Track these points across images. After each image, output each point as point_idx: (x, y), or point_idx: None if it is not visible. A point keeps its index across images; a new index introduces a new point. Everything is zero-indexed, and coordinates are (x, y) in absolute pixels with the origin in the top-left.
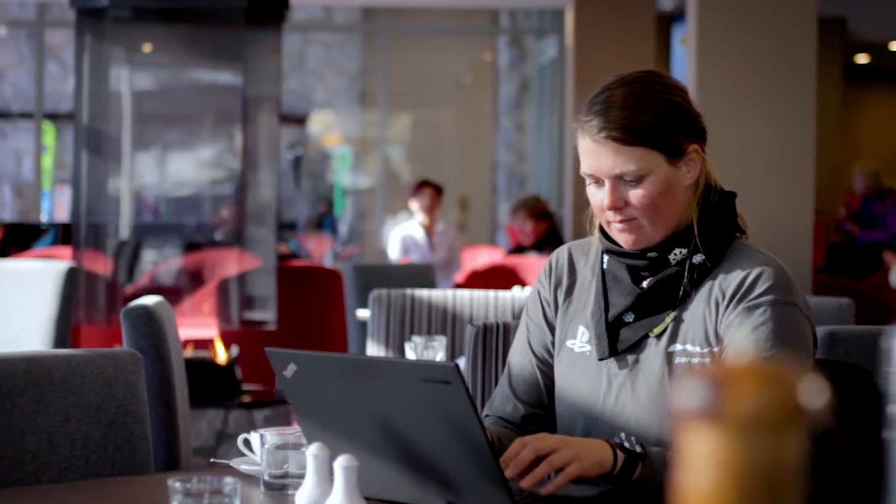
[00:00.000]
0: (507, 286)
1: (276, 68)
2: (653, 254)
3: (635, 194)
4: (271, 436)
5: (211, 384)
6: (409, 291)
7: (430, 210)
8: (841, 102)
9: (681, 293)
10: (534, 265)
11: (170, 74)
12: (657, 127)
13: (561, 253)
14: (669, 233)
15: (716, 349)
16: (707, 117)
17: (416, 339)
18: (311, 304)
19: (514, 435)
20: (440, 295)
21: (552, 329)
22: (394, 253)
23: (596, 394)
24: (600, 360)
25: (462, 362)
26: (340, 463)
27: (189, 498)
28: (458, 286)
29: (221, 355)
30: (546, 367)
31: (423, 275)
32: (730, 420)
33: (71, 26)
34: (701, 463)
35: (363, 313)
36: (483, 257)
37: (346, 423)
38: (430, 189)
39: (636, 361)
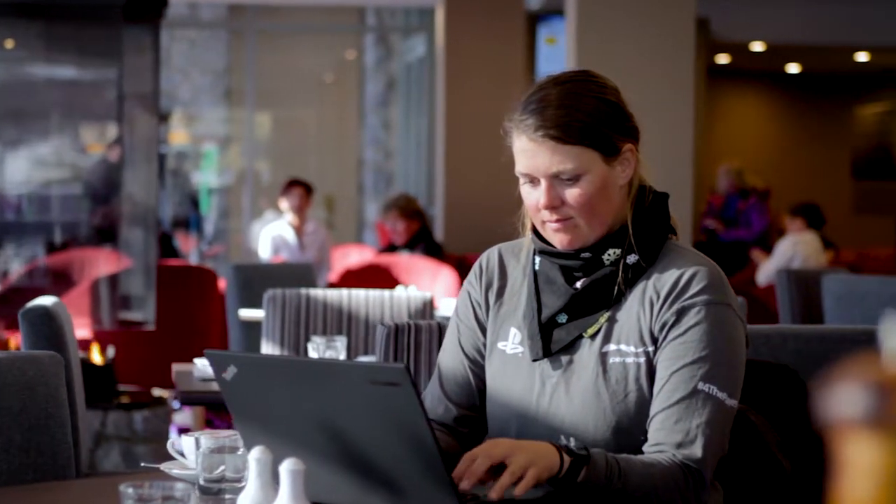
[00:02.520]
0: (382, 285)
1: (153, 66)
2: (587, 254)
3: (572, 193)
4: (206, 439)
5: (88, 386)
6: (303, 291)
7: (300, 210)
8: (703, 102)
9: (615, 293)
10: (407, 264)
11: (43, 71)
12: (594, 125)
13: (491, 254)
14: (604, 233)
15: (650, 349)
16: None
17: (317, 339)
18: (187, 304)
19: (447, 437)
20: (335, 295)
21: (484, 330)
22: (265, 252)
23: (529, 395)
24: (534, 361)
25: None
26: (287, 467)
27: (141, 503)
28: (332, 285)
29: (98, 356)
30: (478, 369)
31: (303, 274)
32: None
33: None
34: (862, 472)
35: (246, 313)
36: (353, 256)
37: (289, 426)
38: (300, 188)
39: (570, 362)
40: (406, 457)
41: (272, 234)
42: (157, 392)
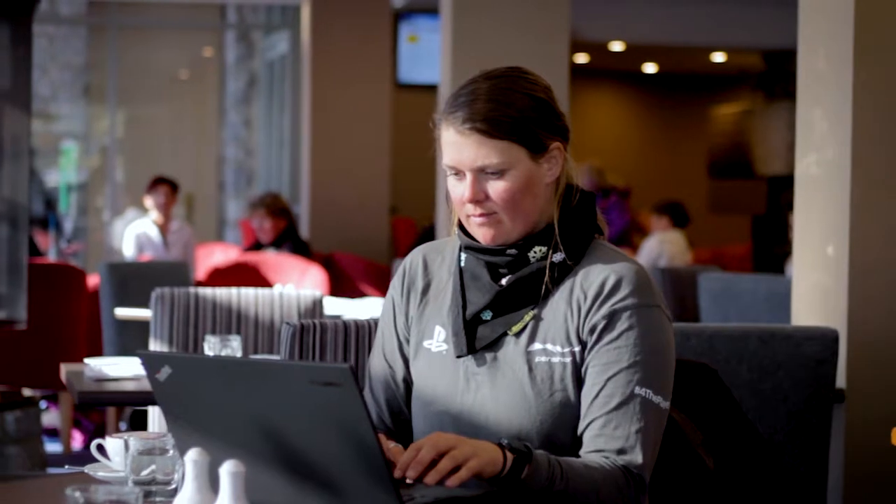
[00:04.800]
0: (250, 283)
1: (25, 61)
2: (512, 251)
3: (496, 188)
4: (135, 441)
5: None
6: (192, 290)
7: (166, 208)
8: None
9: (542, 291)
10: (275, 262)
11: None
12: (522, 121)
13: (414, 256)
14: (528, 230)
15: (576, 349)
16: None
17: (212, 338)
18: (55, 303)
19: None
20: (224, 293)
21: (402, 335)
22: (129, 251)
23: (454, 392)
24: (458, 357)
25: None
26: (227, 469)
27: None
28: (199, 284)
29: None
30: (396, 373)
31: (178, 272)
32: None
33: None
34: None
35: (123, 312)
36: (218, 255)
37: (226, 427)
38: (166, 186)
39: (495, 359)
40: (347, 457)
41: (136, 233)
42: (27, 392)
